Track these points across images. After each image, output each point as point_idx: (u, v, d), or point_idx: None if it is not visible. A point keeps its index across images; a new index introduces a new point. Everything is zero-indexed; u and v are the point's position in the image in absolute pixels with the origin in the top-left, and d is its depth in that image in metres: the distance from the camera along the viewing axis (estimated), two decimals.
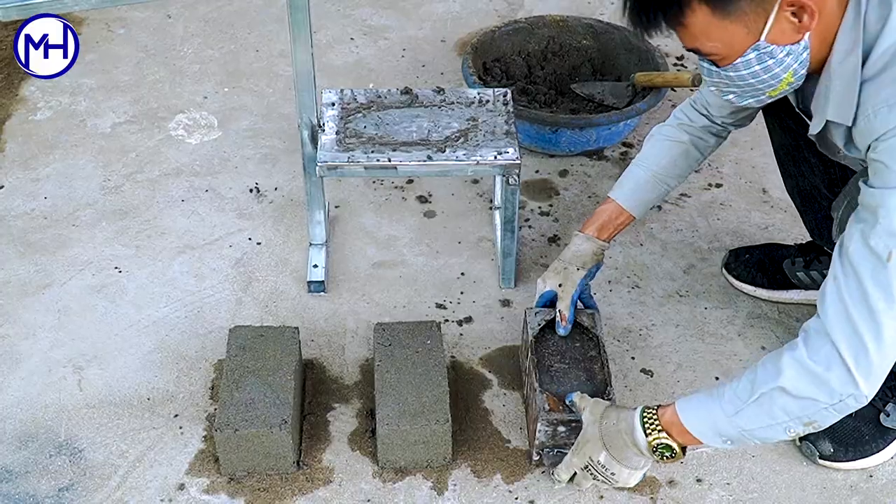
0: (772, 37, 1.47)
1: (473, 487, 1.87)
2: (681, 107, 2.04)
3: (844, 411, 1.52)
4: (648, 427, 1.66)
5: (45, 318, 2.19)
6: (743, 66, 1.52)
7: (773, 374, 1.52)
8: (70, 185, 2.54)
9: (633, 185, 2.02)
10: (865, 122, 1.47)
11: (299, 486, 1.86)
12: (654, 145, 2.03)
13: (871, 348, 1.46)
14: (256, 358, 1.93)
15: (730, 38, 1.49)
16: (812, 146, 1.97)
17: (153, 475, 1.88)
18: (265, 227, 2.42)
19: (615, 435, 1.70)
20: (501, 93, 2.25)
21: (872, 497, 1.86)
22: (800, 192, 2.10)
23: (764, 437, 1.59)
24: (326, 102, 2.21)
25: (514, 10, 3.22)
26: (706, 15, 1.46)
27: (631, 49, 2.79)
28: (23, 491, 1.85)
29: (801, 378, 1.50)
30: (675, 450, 1.65)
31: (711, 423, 1.60)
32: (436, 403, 1.87)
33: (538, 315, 2.00)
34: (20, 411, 1.99)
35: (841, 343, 1.47)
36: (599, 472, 1.72)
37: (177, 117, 2.77)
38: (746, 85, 1.57)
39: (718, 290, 2.27)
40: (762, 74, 1.53)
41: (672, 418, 1.64)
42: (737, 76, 1.55)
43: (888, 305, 1.45)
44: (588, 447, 1.73)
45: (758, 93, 1.59)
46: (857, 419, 1.89)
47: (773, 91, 1.57)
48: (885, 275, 1.44)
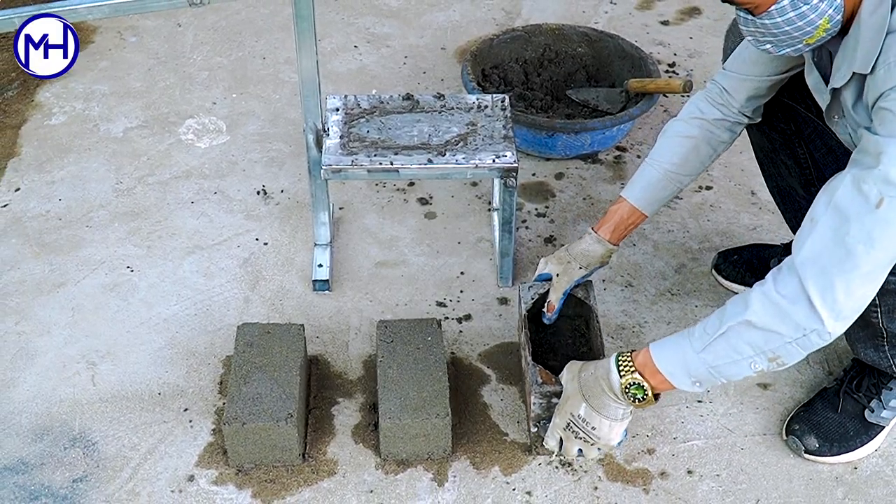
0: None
1: (472, 479, 1.87)
2: (693, 100, 1.97)
3: (808, 347, 1.50)
4: (622, 369, 1.64)
5: (60, 315, 2.18)
6: (777, 13, 1.48)
7: (741, 308, 1.51)
8: (84, 187, 2.54)
9: (645, 185, 1.97)
10: (885, 70, 1.44)
11: (305, 477, 1.86)
12: (666, 142, 1.97)
13: (839, 287, 1.44)
14: (263, 354, 1.93)
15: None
16: (786, 148, 1.97)
17: (164, 467, 1.88)
18: (272, 227, 2.42)
19: (593, 383, 1.68)
20: (499, 98, 2.25)
21: (857, 489, 1.86)
22: (779, 191, 2.10)
23: (730, 373, 1.56)
24: (331, 108, 2.21)
25: (511, 18, 3.22)
26: None
27: (624, 56, 2.79)
28: (38, 482, 1.85)
29: (767, 310, 1.48)
30: (647, 390, 1.62)
31: (682, 361, 1.59)
32: (436, 398, 1.86)
33: (531, 289, 1.99)
34: (35, 405, 1.99)
35: (809, 279, 1.45)
36: (581, 428, 1.70)
37: (186, 122, 2.77)
38: (782, 33, 1.51)
39: (708, 288, 2.27)
40: (797, 21, 1.48)
41: (645, 359, 1.62)
42: (772, 24, 1.50)
43: (866, 249, 1.43)
44: (568, 403, 1.71)
45: (794, 41, 1.53)
46: (843, 415, 1.90)
47: (809, 38, 1.52)
48: (871, 219, 1.42)
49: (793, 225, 2.15)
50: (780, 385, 2.04)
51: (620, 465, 1.89)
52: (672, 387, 1.62)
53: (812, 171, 1.97)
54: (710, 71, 2.89)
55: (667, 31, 3.18)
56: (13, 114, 2.78)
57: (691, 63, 3.02)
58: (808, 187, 2.01)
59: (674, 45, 3.11)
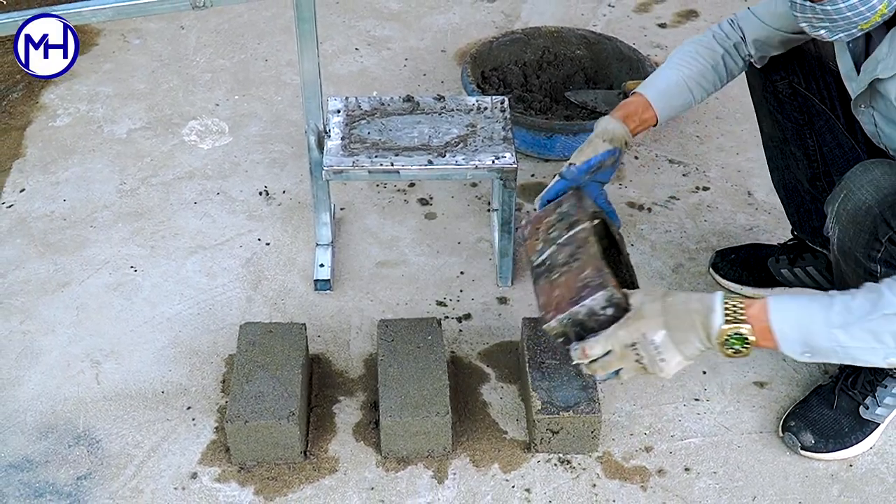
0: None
1: (472, 476, 1.87)
2: (718, 24, 1.94)
3: None
4: (730, 314, 1.48)
5: (64, 314, 2.18)
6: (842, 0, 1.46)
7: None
8: (88, 188, 2.54)
9: (664, 86, 1.89)
10: None
11: (306, 474, 1.86)
12: (688, 51, 1.91)
13: None
14: (265, 353, 1.93)
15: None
16: (797, 140, 1.97)
17: (167, 464, 1.88)
18: (274, 228, 2.42)
19: (683, 314, 1.50)
20: (499, 100, 2.25)
21: (852, 486, 1.86)
22: (784, 185, 2.10)
23: (858, 357, 1.45)
24: (332, 109, 2.21)
25: (511, 21, 3.22)
26: None
27: (622, 59, 2.79)
28: (43, 479, 1.85)
29: None
30: (750, 345, 1.47)
31: (805, 328, 1.46)
32: (436, 396, 1.87)
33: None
34: (40, 403, 1.99)
35: None
36: (648, 353, 1.51)
37: (189, 123, 2.77)
38: (841, 18, 1.49)
39: (706, 287, 2.27)
40: (860, 6, 1.46)
41: (759, 313, 1.47)
42: (834, 9, 1.47)
43: None
44: (643, 323, 1.51)
45: (851, 26, 1.50)
46: (838, 412, 1.90)
47: (865, 24, 1.49)
48: None
49: (794, 220, 2.15)
50: (777, 383, 2.04)
51: (618, 462, 1.89)
52: (775, 348, 1.48)
53: (819, 164, 1.97)
54: None
55: (664, 33, 3.18)
56: (18, 115, 2.79)
57: None
58: (814, 181, 2.01)
59: (671, 48, 3.10)
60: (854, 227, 1.61)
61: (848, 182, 1.64)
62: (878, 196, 1.57)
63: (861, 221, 1.59)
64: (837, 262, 1.72)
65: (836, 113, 1.91)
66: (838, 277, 1.75)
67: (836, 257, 1.72)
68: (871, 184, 1.59)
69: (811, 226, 2.10)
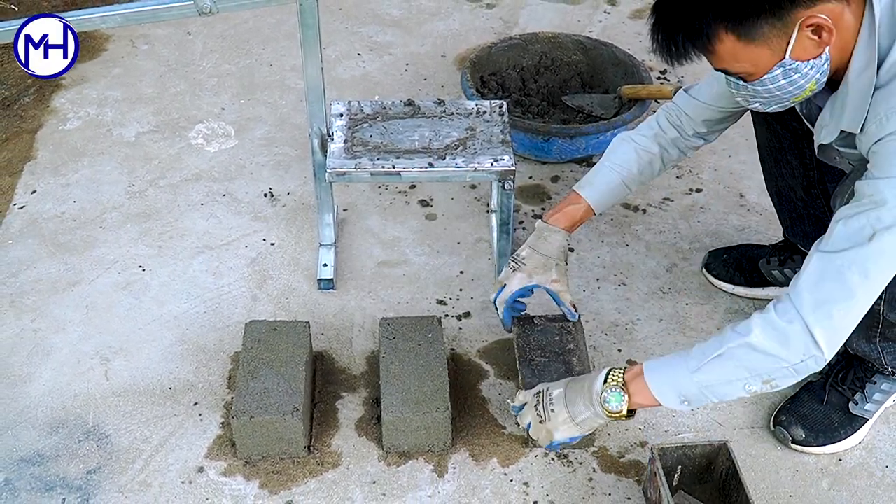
0: (795, 54, 1.47)
1: (472, 470, 1.87)
2: (655, 117, 2.00)
3: (804, 372, 1.51)
4: (610, 379, 1.65)
5: (75, 313, 2.18)
6: (770, 82, 1.51)
7: (743, 332, 1.52)
8: (97, 189, 2.54)
9: (605, 189, 1.97)
10: (877, 126, 1.46)
11: (310, 469, 1.86)
12: (627, 152, 1.98)
13: (837, 316, 1.47)
14: (270, 350, 1.93)
15: (756, 59, 1.48)
16: (794, 149, 1.97)
17: (174, 459, 1.88)
18: (278, 228, 2.42)
19: (579, 380, 1.72)
20: (497, 104, 2.25)
21: (841, 479, 1.86)
22: (778, 191, 2.10)
23: (723, 393, 1.56)
24: (335, 113, 2.20)
25: (509, 27, 3.22)
26: (733, 42, 1.46)
27: (618, 64, 2.79)
28: (53, 473, 1.85)
29: (769, 336, 1.49)
30: (623, 403, 1.63)
31: (673, 380, 1.59)
32: (436, 392, 1.86)
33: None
34: (51, 399, 1.99)
35: (808, 309, 1.47)
36: (544, 402, 1.72)
37: (196, 127, 2.77)
38: (772, 97, 1.55)
39: (699, 287, 2.27)
40: (788, 87, 1.52)
41: (635, 375, 1.63)
42: (764, 90, 1.54)
43: (861, 280, 1.45)
44: (553, 384, 1.76)
45: (783, 100, 1.57)
46: (828, 407, 1.90)
47: (796, 98, 1.56)
48: (865, 252, 1.44)
49: (787, 225, 2.15)
50: None
51: (614, 457, 1.89)
52: (658, 404, 1.61)
53: (815, 173, 1.97)
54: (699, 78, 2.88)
55: None
56: (29, 119, 2.79)
57: (682, 70, 3.01)
58: (808, 189, 2.01)
59: None
60: None
61: (853, 178, 1.63)
62: None
63: None
64: None
65: None
66: None
67: None
68: None
69: (803, 230, 2.10)
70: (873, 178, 1.46)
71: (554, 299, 1.95)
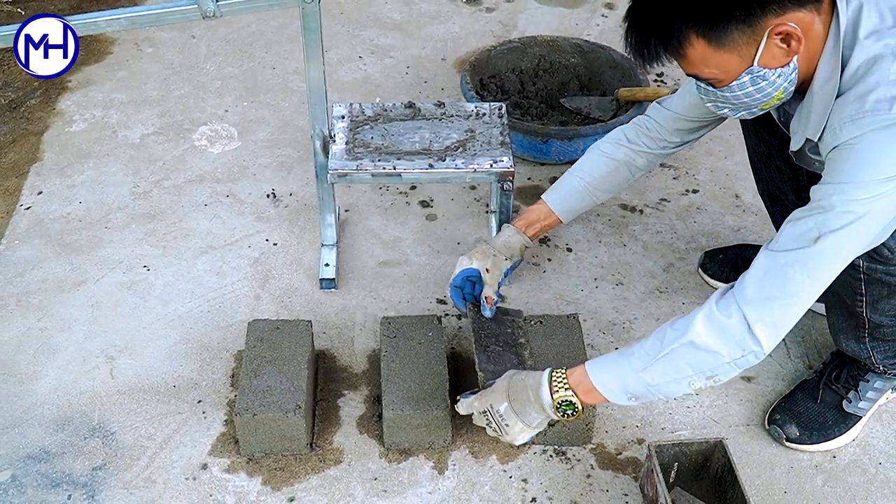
0: (764, 61, 1.47)
1: (471, 467, 1.87)
2: (622, 128, 2.03)
3: (744, 366, 1.53)
4: (556, 385, 1.64)
5: (80, 312, 2.19)
6: (738, 88, 1.52)
7: (683, 330, 1.53)
8: (103, 190, 2.54)
9: (566, 193, 2.02)
10: (831, 135, 1.47)
11: (312, 465, 1.86)
12: (592, 159, 2.02)
13: (778, 312, 1.49)
14: (273, 349, 1.93)
15: (726, 65, 1.49)
16: (783, 155, 1.96)
17: (178, 456, 1.88)
18: (281, 229, 2.42)
19: (521, 390, 1.68)
20: (497, 107, 2.25)
21: (835, 476, 1.86)
22: (769, 195, 2.10)
23: (668, 391, 1.57)
24: (337, 115, 2.21)
25: (508, 30, 3.22)
26: (703, 47, 1.47)
27: (615, 66, 2.79)
28: (59, 470, 1.85)
29: (710, 332, 1.51)
30: (577, 407, 1.63)
31: (620, 380, 1.59)
32: (437, 390, 1.87)
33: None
34: (57, 397, 1.99)
35: (750, 305, 1.49)
36: (495, 420, 1.70)
37: (200, 129, 2.77)
38: (740, 103, 1.57)
39: (695, 287, 2.27)
40: (756, 94, 1.53)
41: (580, 378, 1.63)
42: (732, 96, 1.55)
43: (803, 279, 1.47)
44: (492, 396, 1.71)
45: (751, 107, 1.58)
46: (822, 405, 1.90)
47: (764, 105, 1.57)
48: (809, 253, 1.47)
49: (779, 226, 2.14)
50: (763, 378, 2.04)
51: (612, 454, 1.89)
52: (606, 401, 1.62)
53: (805, 178, 1.97)
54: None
55: None
56: (36, 121, 2.79)
57: (678, 73, 3.02)
58: (799, 192, 2.01)
59: None
60: None
61: None
62: None
63: None
64: None
65: None
66: None
67: None
68: None
69: None
70: (824, 183, 1.47)
71: None
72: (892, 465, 1.88)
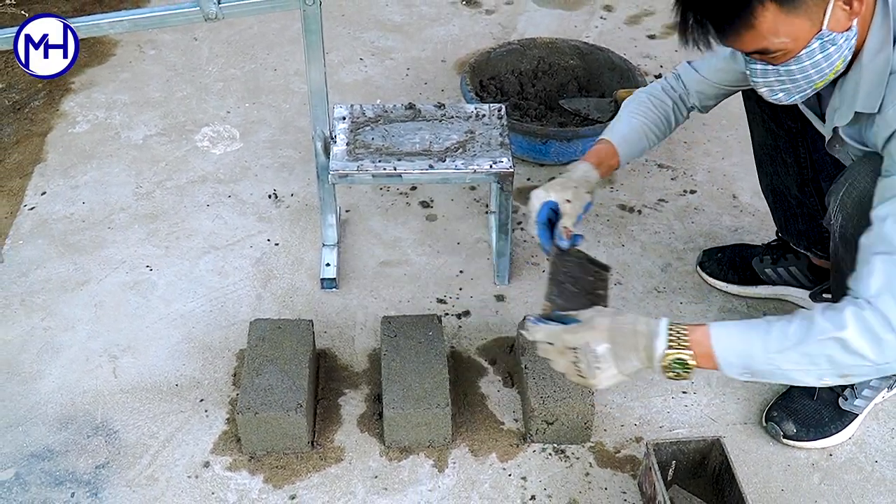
0: (832, 25, 1.43)
1: (471, 465, 1.87)
2: (665, 77, 1.99)
3: (883, 374, 1.46)
4: (673, 339, 1.47)
5: (83, 311, 2.19)
6: (807, 57, 1.46)
7: (836, 325, 1.41)
8: (106, 191, 2.54)
9: (627, 132, 1.91)
10: (894, 109, 1.43)
11: (313, 463, 1.86)
12: (643, 100, 1.95)
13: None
14: (275, 348, 1.93)
15: (796, 32, 1.44)
16: (789, 147, 1.97)
17: (181, 454, 1.88)
18: (282, 229, 2.42)
19: (629, 334, 1.50)
20: (496, 108, 2.25)
21: (832, 474, 1.86)
22: (773, 189, 2.10)
23: (795, 378, 1.47)
24: (338, 116, 2.21)
25: (507, 32, 3.22)
26: (774, 12, 1.41)
27: (613, 68, 2.79)
28: (63, 468, 1.85)
29: (863, 335, 1.40)
30: (690, 370, 1.48)
31: (745, 355, 1.46)
32: (437, 389, 1.87)
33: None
34: (60, 396, 1.99)
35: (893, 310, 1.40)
36: (587, 359, 1.51)
37: (202, 130, 2.77)
38: (803, 78, 1.50)
39: (693, 286, 2.27)
40: (822, 63, 1.47)
41: (701, 338, 1.47)
42: (798, 68, 1.49)
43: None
44: (589, 333, 1.51)
45: (811, 81, 1.51)
46: (819, 402, 1.90)
47: (821, 82, 1.51)
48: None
49: (781, 224, 2.15)
50: None
51: (610, 452, 1.89)
52: (716, 369, 1.48)
53: (809, 171, 1.97)
54: None
55: (653, 44, 3.18)
56: (39, 122, 2.79)
57: None
58: (802, 187, 2.01)
59: (660, 58, 3.11)
60: (859, 214, 1.58)
61: (851, 172, 1.63)
62: None
63: (867, 209, 1.55)
64: (837, 249, 1.70)
65: None
66: (835, 265, 1.74)
67: (836, 244, 1.70)
68: (874, 173, 1.56)
69: (797, 229, 2.10)
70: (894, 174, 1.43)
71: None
72: (888, 462, 1.88)
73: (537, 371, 1.89)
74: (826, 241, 2.03)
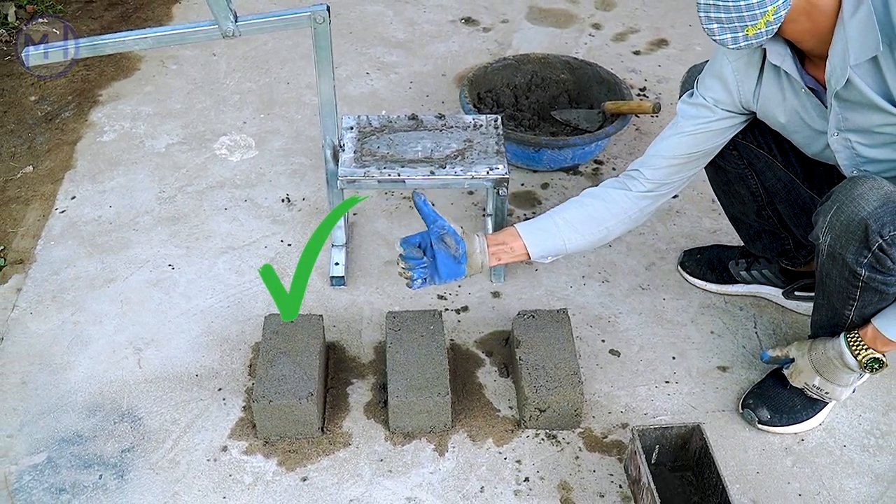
0: None
1: (469, 449, 1.87)
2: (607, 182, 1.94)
3: None
4: (854, 348, 1.70)
5: (110, 307, 2.19)
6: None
7: None
8: (131, 196, 2.54)
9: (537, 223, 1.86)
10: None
11: (323, 448, 1.87)
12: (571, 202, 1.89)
13: None
14: (287, 341, 1.94)
15: None
16: (739, 180, 1.98)
17: (201, 439, 1.88)
18: (295, 231, 2.42)
19: (826, 362, 1.76)
20: (493, 119, 2.25)
21: (803, 458, 1.86)
22: (733, 217, 2.12)
23: None
24: (346, 126, 2.21)
25: (503, 49, 3.22)
26: None
27: (601, 82, 2.79)
28: (91, 452, 1.85)
29: None
30: (883, 361, 1.69)
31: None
32: (437, 379, 1.87)
33: None
34: (89, 385, 1.99)
35: None
36: (815, 392, 1.82)
37: (220, 139, 2.77)
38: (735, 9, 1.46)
39: (675, 283, 2.27)
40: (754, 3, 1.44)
41: (874, 334, 1.67)
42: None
43: None
44: (802, 376, 1.82)
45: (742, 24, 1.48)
46: (791, 391, 1.90)
47: (750, 29, 1.48)
48: None
49: (746, 241, 2.16)
50: (737, 368, 2.04)
51: (598, 437, 1.89)
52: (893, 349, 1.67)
53: (763, 197, 1.98)
54: (676, 94, 2.89)
55: (638, 59, 3.18)
56: (70, 132, 2.79)
57: (660, 87, 3.03)
58: (760, 212, 2.02)
59: (645, 72, 3.11)
60: (847, 235, 1.59)
61: (838, 196, 1.61)
62: (868, 209, 1.55)
63: (854, 231, 1.57)
64: (824, 264, 1.69)
65: (772, 154, 1.91)
66: (820, 278, 1.73)
67: (823, 260, 1.68)
68: (860, 197, 1.56)
69: (762, 244, 2.10)
70: None
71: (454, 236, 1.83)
72: (855, 447, 1.88)
73: (531, 362, 1.90)
74: (790, 253, 2.07)
